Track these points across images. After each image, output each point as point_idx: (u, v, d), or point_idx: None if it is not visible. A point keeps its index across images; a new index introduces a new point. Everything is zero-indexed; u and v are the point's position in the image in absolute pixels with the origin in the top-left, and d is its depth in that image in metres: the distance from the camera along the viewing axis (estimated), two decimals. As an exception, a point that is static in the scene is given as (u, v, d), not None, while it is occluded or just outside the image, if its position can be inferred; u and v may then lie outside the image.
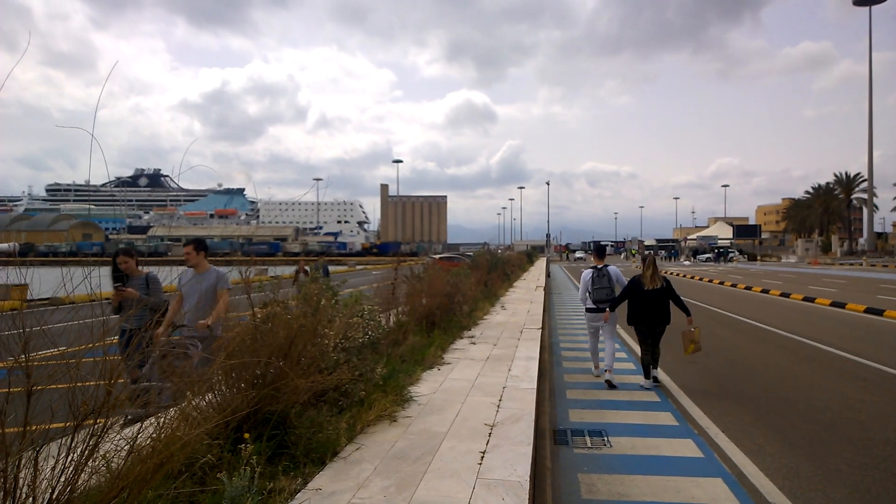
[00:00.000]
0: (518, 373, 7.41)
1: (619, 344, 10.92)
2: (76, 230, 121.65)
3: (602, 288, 8.74)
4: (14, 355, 2.83)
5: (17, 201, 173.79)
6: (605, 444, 6.03)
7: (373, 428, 5.08)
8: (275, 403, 4.28)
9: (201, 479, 3.64)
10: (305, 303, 5.38)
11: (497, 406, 5.83)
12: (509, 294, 20.23)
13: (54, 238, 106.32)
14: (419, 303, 10.37)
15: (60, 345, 3.14)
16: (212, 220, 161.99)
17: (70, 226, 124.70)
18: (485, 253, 31.31)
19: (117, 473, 2.86)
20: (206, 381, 4.08)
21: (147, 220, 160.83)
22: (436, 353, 8.51)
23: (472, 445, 4.64)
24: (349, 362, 5.44)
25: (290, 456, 4.19)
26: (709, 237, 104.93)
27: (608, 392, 8.17)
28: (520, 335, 10.71)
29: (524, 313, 14.40)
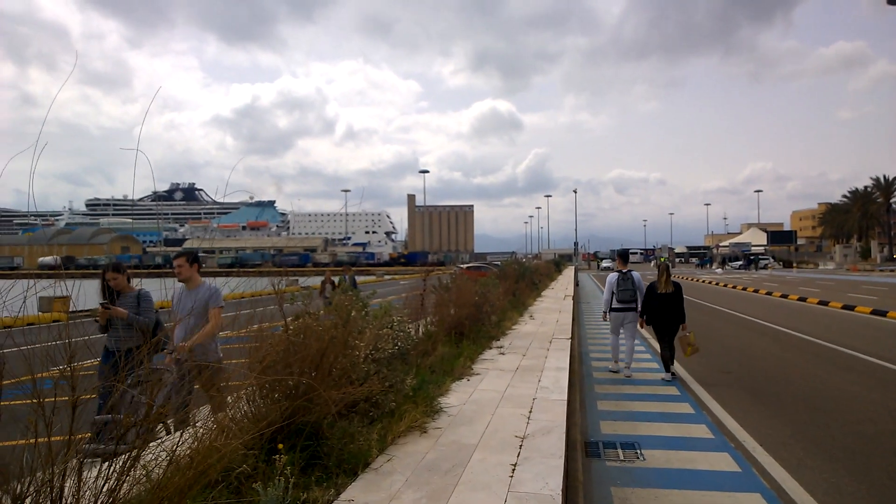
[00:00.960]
0: (548, 384, 7.37)
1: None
2: (115, 243, 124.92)
3: (626, 290, 9.78)
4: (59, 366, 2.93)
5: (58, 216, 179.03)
6: (639, 456, 5.95)
7: (403, 439, 5.10)
8: (307, 414, 4.33)
9: (237, 489, 3.70)
10: (336, 314, 5.44)
11: (527, 418, 5.81)
12: (538, 304, 20.13)
13: (94, 251, 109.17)
14: (447, 313, 10.39)
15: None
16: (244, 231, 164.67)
17: (109, 239, 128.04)
18: (513, 262, 31.23)
19: (158, 484, 2.93)
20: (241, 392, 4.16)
21: (182, 232, 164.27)
22: (465, 363, 8.52)
23: (502, 458, 4.63)
24: (379, 373, 5.48)
25: (323, 467, 4.23)
26: (742, 244, 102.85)
27: (641, 403, 8.07)
28: (549, 345, 10.65)
29: (553, 323, 14.32)
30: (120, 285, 5.74)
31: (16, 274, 37.24)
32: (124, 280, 5.77)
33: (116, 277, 5.71)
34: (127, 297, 5.68)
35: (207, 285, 5.70)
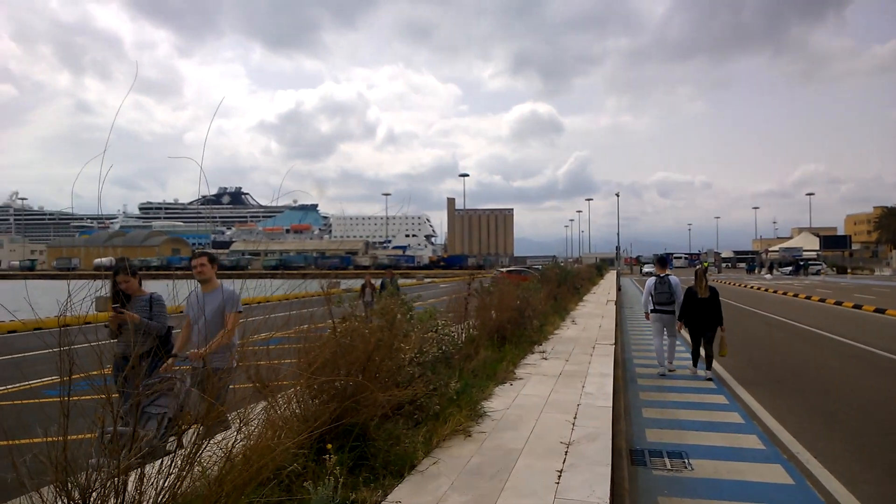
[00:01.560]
0: (592, 390, 7.31)
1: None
2: (166, 245, 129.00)
3: (663, 293, 10.45)
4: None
5: (113, 219, 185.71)
6: (686, 466, 5.84)
7: (448, 442, 5.13)
8: (355, 416, 4.41)
9: (287, 487, 3.79)
10: (382, 317, 5.52)
11: (572, 424, 5.78)
12: (579, 308, 19.95)
13: (147, 253, 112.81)
14: (489, 317, 10.40)
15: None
16: (287, 235, 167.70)
17: (161, 241, 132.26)
18: (554, 266, 31.00)
19: (217, 480, 3.03)
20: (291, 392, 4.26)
21: (229, 235, 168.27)
22: (507, 367, 8.51)
23: (548, 464, 4.62)
24: (424, 376, 5.54)
25: (370, 468, 4.30)
26: (792, 248, 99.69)
27: (688, 412, 7.92)
28: (592, 351, 10.55)
29: (596, 328, 14.17)
30: (132, 288, 5.39)
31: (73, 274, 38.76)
32: (136, 283, 5.43)
33: (128, 280, 5.37)
34: (138, 301, 5.35)
35: (225, 288, 5.42)
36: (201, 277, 5.43)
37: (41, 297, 4.61)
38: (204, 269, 5.44)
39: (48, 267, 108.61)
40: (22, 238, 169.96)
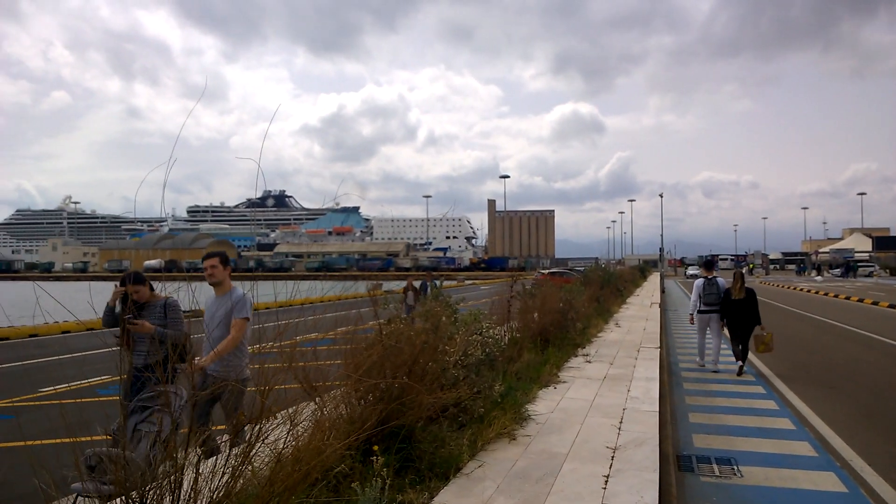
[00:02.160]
0: (638, 394, 7.21)
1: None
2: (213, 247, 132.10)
3: (711, 294, 11.02)
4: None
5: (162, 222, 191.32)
6: (736, 473, 5.70)
7: (492, 445, 5.14)
8: (401, 418, 4.45)
9: (335, 488, 3.86)
10: (427, 320, 5.56)
11: (618, 428, 5.71)
12: (623, 311, 19.67)
13: (194, 255, 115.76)
14: (531, 319, 10.35)
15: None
16: (330, 237, 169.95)
17: (208, 244, 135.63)
18: (596, 268, 30.61)
19: (268, 480, 3.10)
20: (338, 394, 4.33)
21: (273, 237, 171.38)
22: (551, 370, 8.46)
23: (594, 468, 4.58)
24: (468, 379, 5.55)
25: (416, 470, 4.34)
26: (843, 250, 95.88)
27: (737, 417, 7.73)
28: (637, 354, 10.40)
29: (640, 331, 13.95)
30: (143, 297, 4.98)
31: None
32: (147, 290, 5.04)
33: (139, 290, 4.94)
34: (153, 308, 4.97)
35: (237, 292, 5.03)
36: (212, 280, 5.03)
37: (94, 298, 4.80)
38: (215, 271, 5.03)
39: (100, 269, 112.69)
40: (75, 241, 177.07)
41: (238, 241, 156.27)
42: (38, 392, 8.94)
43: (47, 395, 8.55)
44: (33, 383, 9.82)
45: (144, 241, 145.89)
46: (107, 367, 3.94)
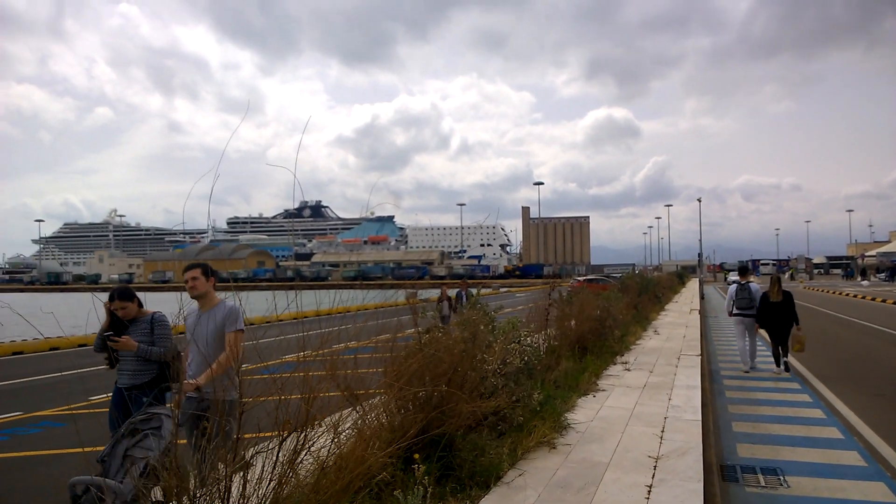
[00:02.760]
0: (679, 402, 7.10)
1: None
2: (252, 258, 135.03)
3: (743, 298, 11.46)
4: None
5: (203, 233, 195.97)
6: (782, 483, 5.56)
7: (532, 454, 5.13)
8: (441, 426, 4.49)
9: (377, 495, 3.91)
10: (464, 329, 5.59)
11: (660, 437, 5.64)
12: (661, 318, 19.36)
13: (234, 265, 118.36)
14: (568, 326, 10.29)
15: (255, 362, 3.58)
16: (365, 246, 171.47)
17: (247, 254, 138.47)
18: (634, 275, 30.20)
19: (313, 487, 3.18)
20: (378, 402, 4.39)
21: (310, 247, 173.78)
22: (589, 379, 8.40)
23: (636, 478, 4.53)
24: (507, 387, 5.56)
25: (456, 478, 4.36)
26: (890, 253, 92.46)
27: (782, 426, 7.55)
28: (677, 362, 10.24)
29: (680, 338, 13.72)
30: (130, 314, 4.76)
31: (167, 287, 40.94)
32: (135, 307, 4.81)
33: (126, 306, 4.73)
34: (139, 324, 4.75)
35: (226, 304, 4.60)
36: (194, 293, 4.54)
37: (150, 308, 4.96)
38: (196, 283, 4.53)
39: (145, 280, 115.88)
40: (120, 253, 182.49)
41: (276, 251, 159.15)
42: (89, 400, 9.25)
43: (98, 402, 8.84)
44: (84, 391, 10.16)
45: (187, 252, 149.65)
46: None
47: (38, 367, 14.16)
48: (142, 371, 4.64)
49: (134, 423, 3.49)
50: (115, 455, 3.41)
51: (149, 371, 4.65)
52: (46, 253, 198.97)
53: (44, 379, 12.71)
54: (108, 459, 3.43)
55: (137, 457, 3.40)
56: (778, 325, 10.94)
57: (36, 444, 7.48)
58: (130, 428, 3.55)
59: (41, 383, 12.24)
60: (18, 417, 8.90)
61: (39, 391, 11.34)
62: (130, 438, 3.48)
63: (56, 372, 13.33)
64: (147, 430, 3.46)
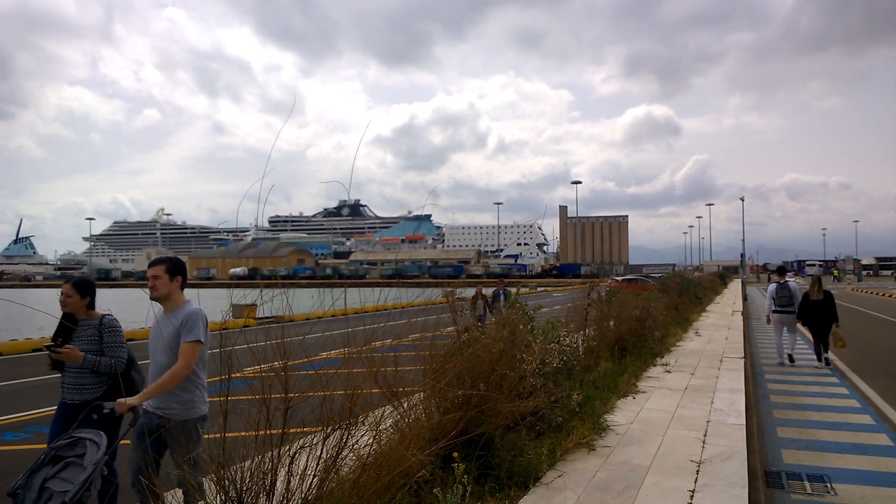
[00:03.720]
0: (722, 406, 6.97)
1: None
2: (292, 256, 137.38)
3: (783, 296, 12.21)
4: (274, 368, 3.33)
5: (245, 231, 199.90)
6: (829, 490, 5.41)
7: (571, 455, 5.11)
8: (479, 426, 4.51)
9: (416, 493, 3.96)
10: (504, 328, 5.59)
11: (702, 441, 5.55)
12: (703, 319, 18.98)
13: (275, 263, 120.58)
14: (607, 327, 10.19)
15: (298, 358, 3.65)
16: (402, 244, 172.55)
17: (287, 252, 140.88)
18: (674, 275, 29.66)
19: (355, 483, 3.23)
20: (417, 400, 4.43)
21: (349, 245, 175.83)
22: (629, 380, 8.30)
23: (678, 482, 4.47)
24: (545, 387, 5.54)
25: (495, 478, 4.38)
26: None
27: (829, 432, 7.33)
28: (720, 364, 10.03)
29: (722, 340, 13.45)
30: (75, 307, 4.17)
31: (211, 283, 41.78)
32: (78, 300, 4.18)
33: (71, 295, 4.15)
34: (85, 329, 4.16)
35: (186, 308, 3.88)
36: (154, 295, 3.88)
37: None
38: (157, 282, 3.87)
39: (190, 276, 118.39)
40: (167, 250, 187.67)
41: (315, 250, 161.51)
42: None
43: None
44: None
45: (230, 250, 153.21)
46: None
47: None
48: (90, 385, 4.06)
49: (56, 448, 2.97)
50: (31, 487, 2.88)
51: (99, 384, 4.08)
52: (97, 250, 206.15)
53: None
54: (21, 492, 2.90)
55: (56, 490, 2.89)
56: (819, 322, 11.63)
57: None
58: (52, 454, 3.03)
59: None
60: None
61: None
62: (50, 467, 2.96)
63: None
64: (71, 457, 2.96)
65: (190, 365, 3.67)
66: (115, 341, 4.17)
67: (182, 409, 3.70)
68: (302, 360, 3.54)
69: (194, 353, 3.72)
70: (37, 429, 8.03)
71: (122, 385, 4.06)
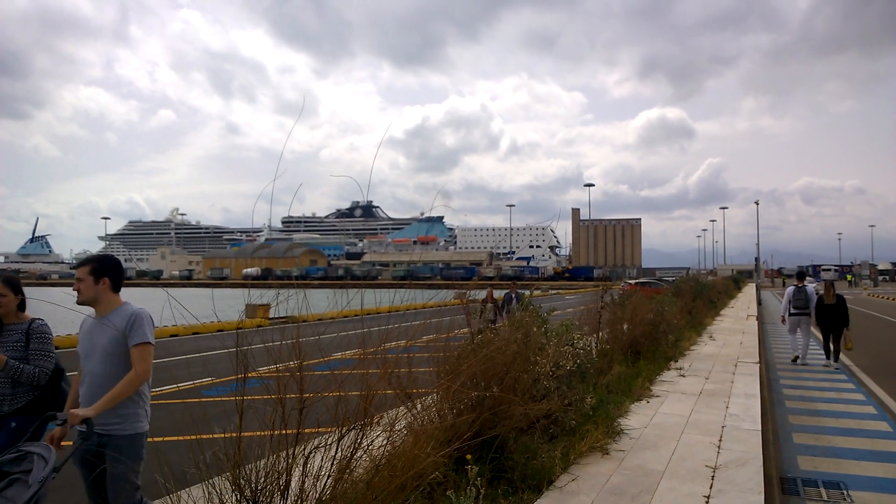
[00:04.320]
0: (737, 411, 6.91)
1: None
2: (305, 256, 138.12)
3: (800, 299, 12.90)
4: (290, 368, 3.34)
5: (258, 232, 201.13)
6: (846, 498, 5.34)
7: (585, 459, 5.08)
8: (493, 428, 4.50)
9: (429, 495, 3.95)
10: (516, 330, 5.57)
11: (717, 447, 5.50)
12: (717, 323, 18.83)
13: (288, 264, 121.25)
14: (620, 330, 10.14)
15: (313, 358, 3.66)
16: (414, 246, 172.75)
17: (300, 253, 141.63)
18: (688, 278, 29.44)
19: (369, 484, 3.24)
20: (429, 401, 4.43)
21: (361, 246, 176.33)
22: (643, 384, 8.26)
23: (693, 488, 4.44)
24: (559, 390, 5.52)
25: (508, 480, 4.37)
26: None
27: (846, 439, 7.24)
28: (734, 369, 9.95)
29: (736, 345, 13.34)
30: (10, 307, 3.89)
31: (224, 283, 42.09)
32: (12, 299, 3.92)
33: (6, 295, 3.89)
34: (11, 333, 3.85)
35: (126, 309, 3.48)
36: (80, 298, 3.50)
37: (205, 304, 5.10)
38: (81, 285, 3.49)
39: (203, 276, 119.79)
40: (181, 250, 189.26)
41: (328, 250, 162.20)
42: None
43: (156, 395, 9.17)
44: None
45: (243, 250, 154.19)
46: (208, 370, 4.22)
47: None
48: (9, 396, 3.75)
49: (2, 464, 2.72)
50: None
51: (22, 394, 3.77)
52: (112, 249, 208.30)
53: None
54: None
55: None
56: (831, 324, 12.17)
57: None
58: None
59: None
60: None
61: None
62: None
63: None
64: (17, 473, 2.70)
65: (148, 370, 3.35)
66: (43, 349, 3.84)
67: (123, 425, 3.33)
68: (317, 360, 3.56)
69: (149, 356, 3.38)
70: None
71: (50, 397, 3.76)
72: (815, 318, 12.53)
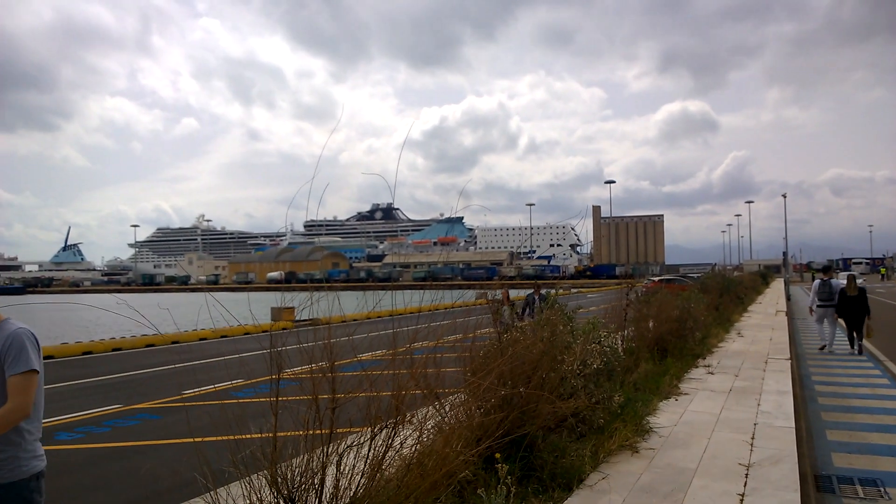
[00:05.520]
0: (769, 408, 6.81)
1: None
2: (327, 259, 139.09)
3: (825, 292, 13.87)
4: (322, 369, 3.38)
5: (282, 236, 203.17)
6: (883, 495, 5.23)
7: (614, 457, 5.06)
8: (521, 427, 4.50)
9: (459, 493, 3.97)
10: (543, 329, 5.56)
11: (750, 444, 5.43)
12: (744, 319, 18.58)
13: (310, 267, 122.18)
14: (646, 328, 10.05)
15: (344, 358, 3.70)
16: (435, 247, 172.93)
17: (322, 256, 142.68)
18: (714, 274, 29.09)
19: (402, 483, 3.27)
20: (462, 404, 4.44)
21: (382, 248, 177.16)
22: (671, 382, 8.18)
23: (727, 486, 4.39)
24: (586, 388, 5.50)
25: (538, 479, 4.36)
26: None
27: (882, 435, 7.10)
28: (765, 366, 9.81)
29: (766, 341, 13.16)
30: None
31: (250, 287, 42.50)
32: None
33: None
34: None
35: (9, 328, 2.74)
36: None
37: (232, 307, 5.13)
38: None
39: (229, 281, 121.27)
40: (208, 255, 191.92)
41: (350, 253, 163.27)
42: (182, 394, 9.79)
43: (190, 396, 9.35)
44: (178, 385, 10.76)
45: (267, 255, 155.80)
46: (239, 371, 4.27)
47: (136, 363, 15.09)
48: None
49: None
50: None
51: None
52: (141, 256, 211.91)
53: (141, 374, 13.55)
54: None
55: None
56: (853, 315, 13.08)
57: (133, 435, 8.00)
58: None
59: (138, 378, 13.05)
60: (118, 410, 9.53)
61: (136, 385, 12.09)
62: None
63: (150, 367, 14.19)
64: None
65: (28, 403, 2.67)
66: None
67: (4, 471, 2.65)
68: (347, 361, 3.59)
69: (31, 387, 2.69)
70: (88, 429, 8.31)
71: None
72: (838, 310, 13.43)
